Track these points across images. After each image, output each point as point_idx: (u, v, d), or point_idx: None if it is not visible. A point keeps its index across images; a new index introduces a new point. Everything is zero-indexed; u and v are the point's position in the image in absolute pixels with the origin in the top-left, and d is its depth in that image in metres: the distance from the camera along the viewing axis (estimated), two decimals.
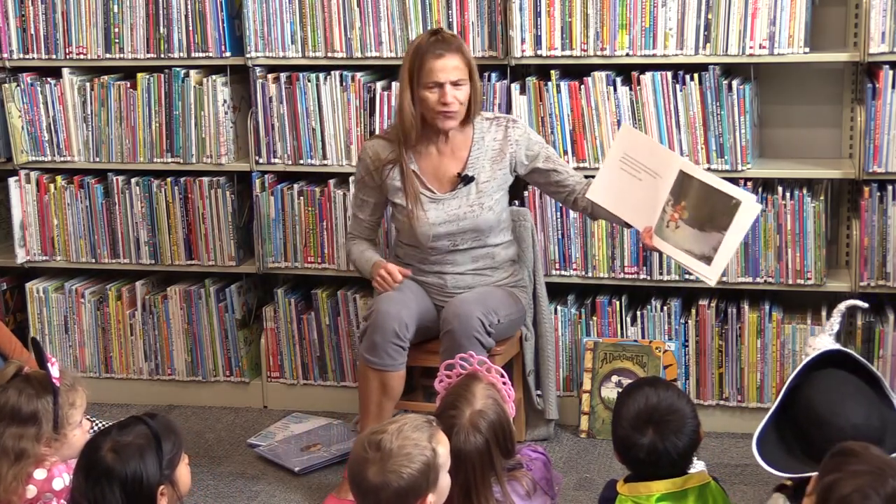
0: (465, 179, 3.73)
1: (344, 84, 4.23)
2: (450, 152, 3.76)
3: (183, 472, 2.50)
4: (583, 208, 3.76)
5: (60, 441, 2.75)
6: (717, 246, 3.38)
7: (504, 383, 2.79)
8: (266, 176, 4.39)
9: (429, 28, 4.04)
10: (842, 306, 3.04)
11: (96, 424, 3.22)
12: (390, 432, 2.38)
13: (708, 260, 3.40)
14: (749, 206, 3.34)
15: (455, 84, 3.63)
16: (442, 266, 3.80)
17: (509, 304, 3.78)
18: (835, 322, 3.00)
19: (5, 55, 4.51)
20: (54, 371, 2.74)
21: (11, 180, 4.56)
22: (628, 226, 3.68)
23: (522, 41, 4.06)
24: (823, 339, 2.95)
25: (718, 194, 3.37)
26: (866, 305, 3.14)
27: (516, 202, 4.15)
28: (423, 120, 3.68)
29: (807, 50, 3.90)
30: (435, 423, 2.46)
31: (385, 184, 3.77)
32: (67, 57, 4.46)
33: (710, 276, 3.41)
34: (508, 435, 2.66)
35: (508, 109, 4.07)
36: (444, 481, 2.43)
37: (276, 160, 4.35)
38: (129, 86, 4.43)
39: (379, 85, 4.22)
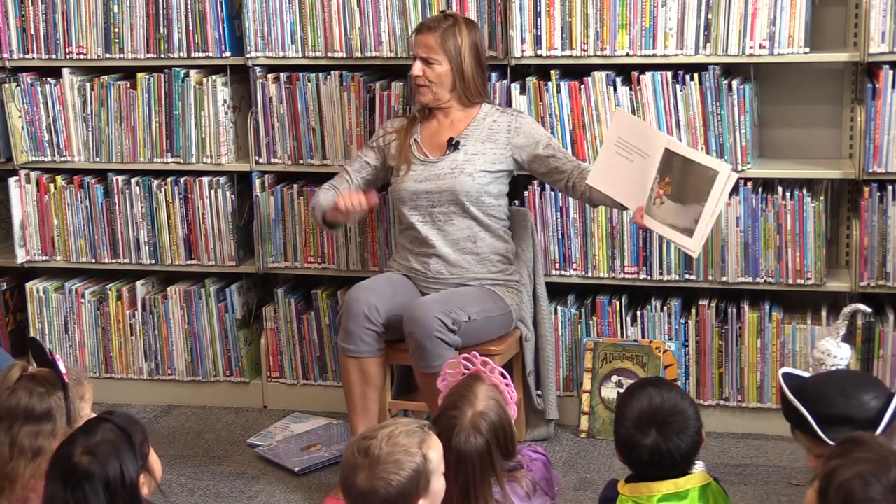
0: (452, 144, 3.83)
1: (344, 84, 4.23)
2: (449, 125, 3.89)
3: (154, 459, 2.50)
4: (580, 193, 3.80)
5: None
6: (698, 217, 3.41)
7: (507, 385, 2.79)
8: (266, 176, 4.39)
9: None
10: (847, 310, 3.05)
11: None
12: (380, 438, 2.37)
13: (689, 232, 3.43)
14: (724, 175, 3.36)
15: (425, 60, 3.80)
16: (426, 248, 3.83)
17: (483, 301, 3.79)
18: (841, 326, 3.00)
19: (5, 55, 4.51)
20: (61, 367, 2.76)
21: (11, 180, 4.56)
22: (624, 208, 3.72)
23: (522, 41, 4.06)
24: (830, 343, 2.96)
25: (698, 167, 3.41)
26: (870, 310, 3.15)
27: (516, 202, 4.15)
28: None
29: (807, 50, 3.90)
30: (427, 428, 2.45)
31: (386, 147, 3.93)
32: (67, 57, 4.46)
33: (691, 247, 3.44)
34: (509, 437, 2.66)
35: None
36: (437, 486, 2.42)
37: (276, 160, 4.35)
38: (129, 86, 4.43)
39: (379, 85, 4.22)
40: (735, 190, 3.89)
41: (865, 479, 2.10)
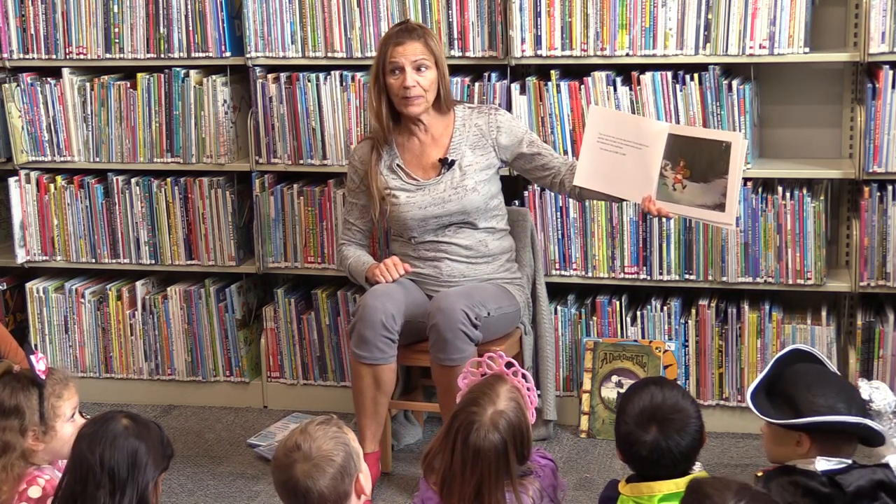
0: (447, 163, 3.79)
1: (344, 84, 4.23)
2: (431, 141, 3.83)
3: (159, 486, 2.55)
4: (569, 190, 3.81)
5: (49, 434, 2.75)
6: (724, 191, 3.53)
7: (528, 388, 2.79)
8: (266, 176, 4.39)
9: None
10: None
11: None
12: (303, 436, 2.45)
13: (721, 207, 3.54)
14: (738, 144, 3.51)
15: (417, 69, 3.71)
16: (436, 252, 3.82)
17: (500, 298, 3.79)
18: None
19: (5, 55, 4.51)
20: (39, 365, 2.77)
21: (11, 180, 4.56)
22: (622, 201, 3.76)
23: (522, 41, 4.06)
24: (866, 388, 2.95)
25: (708, 143, 3.54)
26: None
27: (516, 202, 4.15)
28: (398, 112, 3.76)
29: (807, 50, 3.90)
30: (335, 417, 2.51)
31: (373, 184, 3.83)
32: (67, 57, 4.46)
33: (727, 220, 3.57)
34: (526, 440, 2.65)
35: (508, 109, 4.07)
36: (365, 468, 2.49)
37: (276, 160, 4.35)
38: (129, 86, 4.43)
39: None
40: None
41: None
